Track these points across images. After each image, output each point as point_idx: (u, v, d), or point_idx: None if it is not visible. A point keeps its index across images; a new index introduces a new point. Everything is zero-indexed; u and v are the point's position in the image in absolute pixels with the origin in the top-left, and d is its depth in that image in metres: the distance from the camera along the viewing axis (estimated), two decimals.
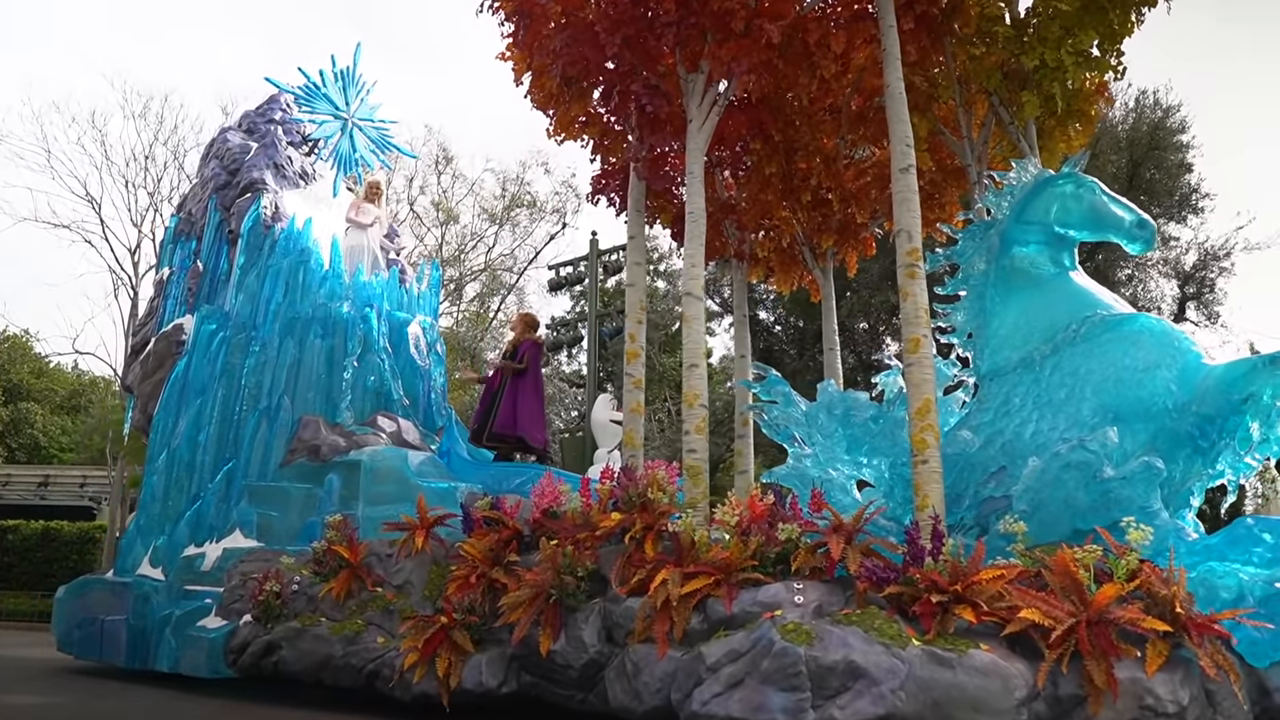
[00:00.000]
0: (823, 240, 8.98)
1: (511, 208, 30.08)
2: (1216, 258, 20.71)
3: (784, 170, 8.67)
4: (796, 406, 6.42)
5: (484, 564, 6.56)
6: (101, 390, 33.18)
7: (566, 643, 5.91)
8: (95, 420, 25.30)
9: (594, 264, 19.62)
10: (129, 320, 24.90)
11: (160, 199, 25.96)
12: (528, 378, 9.16)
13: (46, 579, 23.03)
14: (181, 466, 9.45)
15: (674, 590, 5.46)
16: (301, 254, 10.15)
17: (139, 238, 25.71)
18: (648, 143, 7.00)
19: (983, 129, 8.41)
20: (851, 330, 21.30)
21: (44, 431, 32.77)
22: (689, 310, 6.36)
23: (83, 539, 23.79)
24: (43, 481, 26.67)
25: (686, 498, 6.16)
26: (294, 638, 7.18)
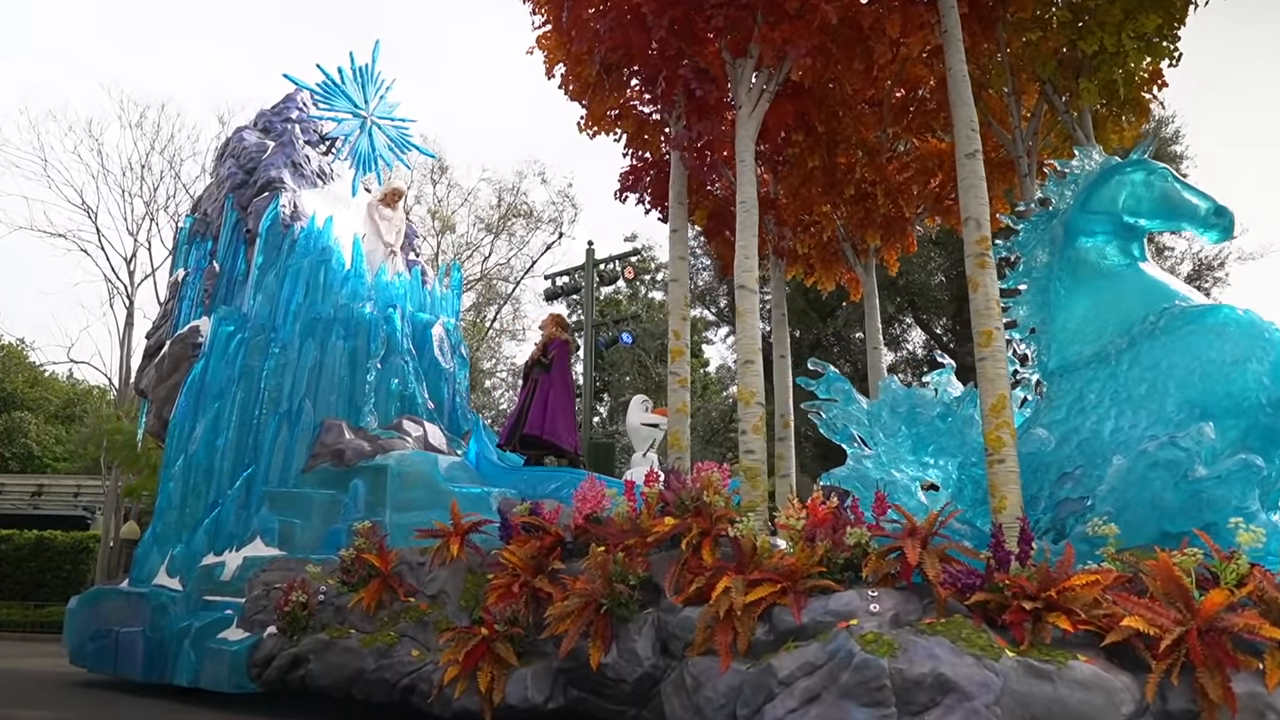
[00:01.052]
0: (866, 236, 8.67)
1: (507, 217, 29.91)
2: (1211, 268, 20.99)
3: (826, 163, 8.37)
4: (858, 404, 6.10)
5: (526, 572, 6.24)
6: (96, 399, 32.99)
7: (618, 655, 5.57)
8: (90, 430, 25.13)
9: (590, 273, 19.67)
10: (124, 329, 24.81)
11: (156, 208, 25.97)
12: (557, 379, 8.84)
13: (40, 589, 22.79)
14: (199, 472, 9.13)
15: (738, 599, 5.13)
16: (322, 253, 9.87)
17: (135, 246, 25.75)
18: (695, 130, 6.70)
19: (1032, 119, 8.11)
20: (848, 341, 21.39)
21: (38, 441, 32.56)
22: (743, 303, 6.05)
23: (76, 549, 23.57)
24: (36, 491, 26.48)
25: (744, 501, 5.83)
26: (322, 650, 6.85)
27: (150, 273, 25.86)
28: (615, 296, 27.21)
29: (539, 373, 8.74)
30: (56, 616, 20.99)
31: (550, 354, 8.83)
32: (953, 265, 19.98)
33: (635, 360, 26.29)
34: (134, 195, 26.02)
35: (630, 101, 8.48)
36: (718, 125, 6.69)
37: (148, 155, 26.18)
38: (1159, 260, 20.85)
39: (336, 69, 11.80)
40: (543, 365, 8.82)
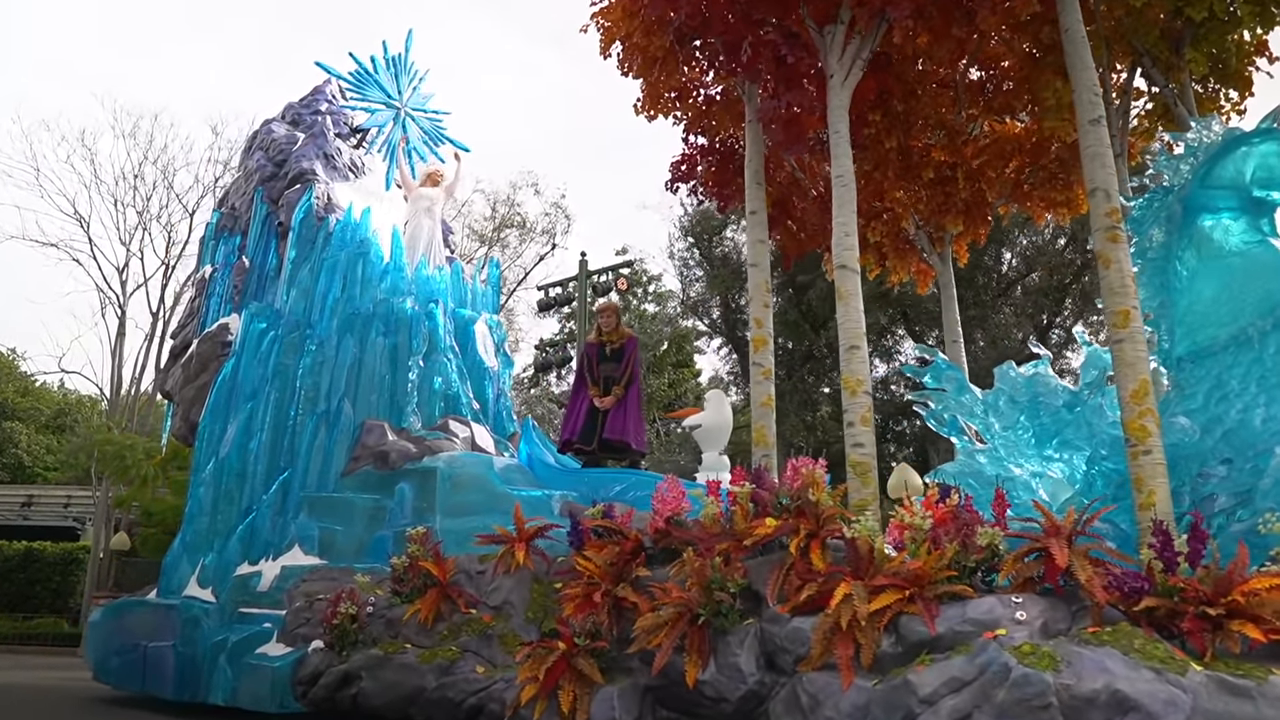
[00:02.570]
0: (946, 222, 8.17)
1: (501, 228, 29.62)
2: None
3: (902, 145, 7.89)
4: (971, 394, 5.58)
5: (605, 580, 5.69)
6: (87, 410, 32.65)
7: (718, 671, 5.04)
8: (81, 440, 24.87)
9: (583, 285, 19.63)
10: (116, 339, 24.58)
11: (149, 218, 25.87)
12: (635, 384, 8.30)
13: (28, 601, 22.42)
14: (231, 476, 8.62)
15: (861, 607, 4.60)
16: (360, 245, 9.40)
17: (127, 256, 25.69)
18: (784, 100, 6.22)
19: (1124, 96, 7.62)
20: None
21: (28, 451, 32.28)
22: (845, 285, 5.56)
23: (66, 560, 23.23)
24: (26, 501, 26.30)
25: (853, 499, 5.30)
26: (376, 667, 6.30)
27: (142, 283, 25.69)
28: None
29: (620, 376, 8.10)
30: (45, 629, 20.62)
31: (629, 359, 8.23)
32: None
33: None
34: (126, 205, 26.02)
35: (691, 83, 8.02)
36: (808, 95, 6.21)
37: (140, 165, 26.18)
38: None
39: (369, 58, 11.40)
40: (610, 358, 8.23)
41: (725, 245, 24.07)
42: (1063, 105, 7.12)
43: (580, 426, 8.23)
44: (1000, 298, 21.00)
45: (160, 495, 19.21)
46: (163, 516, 19.01)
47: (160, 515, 19.02)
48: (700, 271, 24.23)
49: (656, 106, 8.31)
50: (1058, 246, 20.63)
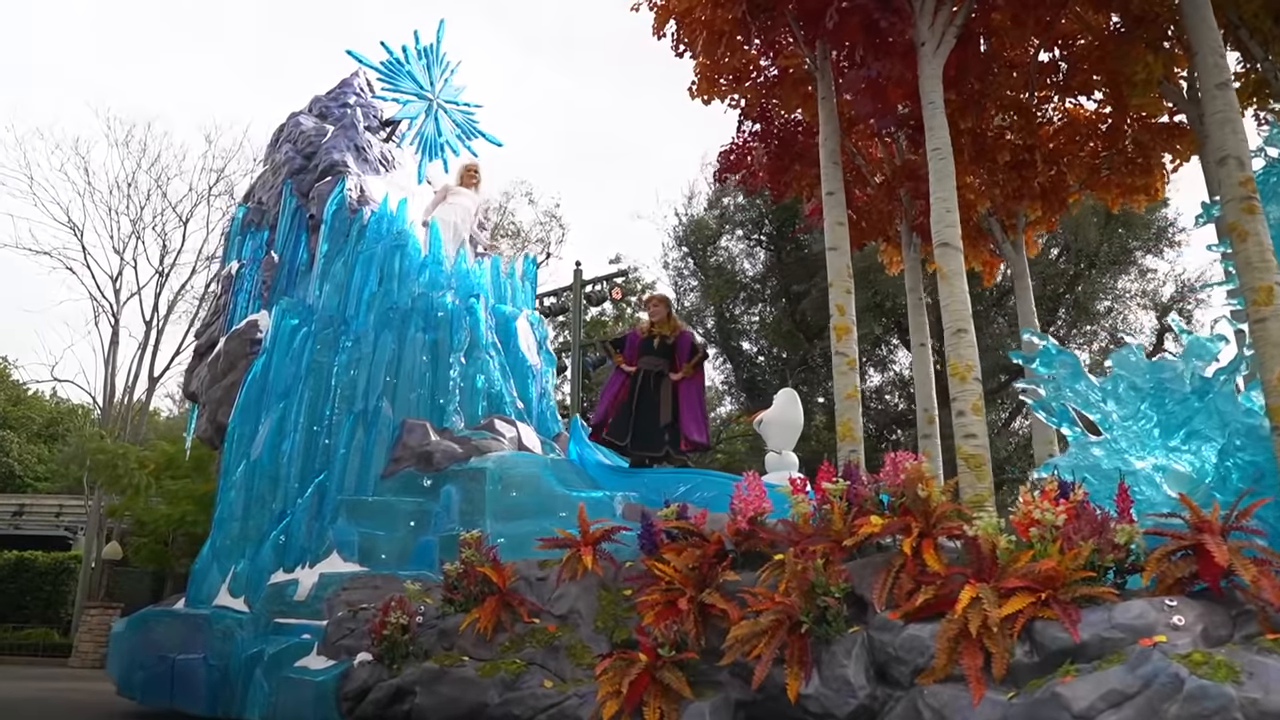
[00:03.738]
0: (1025, 207, 7.76)
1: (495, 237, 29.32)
2: (1193, 290, 20.83)
3: (976, 126, 7.49)
4: (1087, 381, 5.15)
5: (688, 586, 5.26)
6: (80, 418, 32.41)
7: (823, 684, 4.61)
8: (73, 449, 24.64)
9: (578, 294, 19.58)
10: (109, 348, 24.43)
11: (143, 226, 25.75)
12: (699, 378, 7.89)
13: (19, 610, 22.17)
14: (263, 479, 8.21)
15: (992, 612, 4.15)
16: (398, 237, 9.01)
17: (121, 265, 25.56)
18: (874, 68, 5.84)
19: None
20: None
21: (19, 460, 32.09)
22: (949, 264, 5.16)
23: (58, 569, 23.02)
24: (17, 510, 26.15)
25: (967, 495, 4.87)
26: (431, 681, 5.87)
27: (136, 291, 25.38)
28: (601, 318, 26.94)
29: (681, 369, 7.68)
30: (35, 639, 20.28)
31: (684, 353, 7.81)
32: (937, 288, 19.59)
33: None
34: (120, 213, 25.88)
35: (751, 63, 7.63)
36: (896, 65, 5.82)
37: (134, 173, 26.08)
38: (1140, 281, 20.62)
39: (401, 48, 11.04)
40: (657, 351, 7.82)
41: (719, 255, 23.86)
42: (1153, 80, 6.73)
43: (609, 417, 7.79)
44: (994, 307, 20.80)
45: (153, 504, 18.91)
46: (155, 526, 18.74)
47: (153, 525, 18.75)
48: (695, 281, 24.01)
49: (713, 89, 7.95)
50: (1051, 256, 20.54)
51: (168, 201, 25.97)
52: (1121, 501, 4.73)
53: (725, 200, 23.58)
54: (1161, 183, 7.88)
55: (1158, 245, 20.67)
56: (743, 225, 23.27)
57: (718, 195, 23.73)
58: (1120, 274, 20.71)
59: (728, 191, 23.40)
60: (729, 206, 23.49)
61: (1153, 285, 21.15)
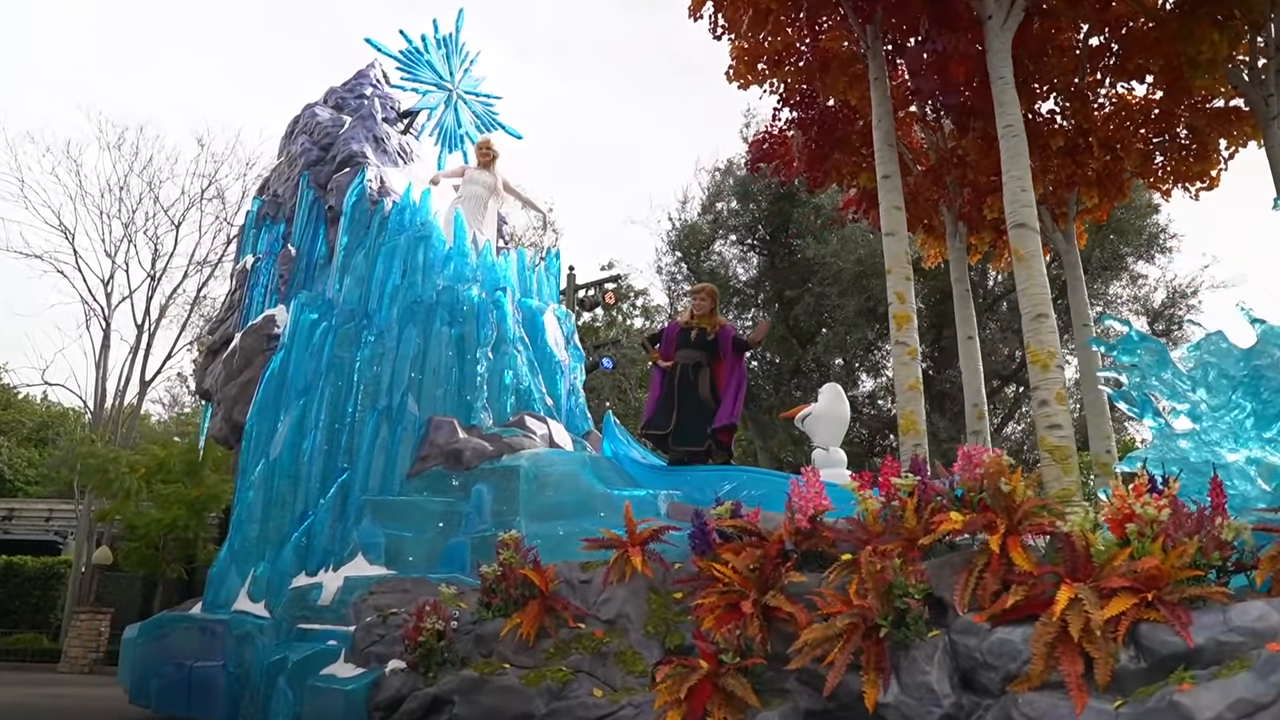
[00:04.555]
0: (1081, 194, 7.49)
1: None
2: (1185, 295, 21.04)
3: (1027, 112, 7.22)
4: (1174, 369, 4.87)
5: (749, 588, 4.96)
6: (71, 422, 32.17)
7: (902, 691, 4.31)
8: (63, 453, 24.46)
9: (571, 299, 19.66)
10: (100, 351, 24.27)
11: (135, 230, 25.62)
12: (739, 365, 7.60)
13: (8, 615, 21.93)
14: (284, 479, 7.92)
15: (1095, 614, 3.86)
16: (421, 229, 8.72)
17: (112, 268, 25.47)
18: (939, 43, 5.57)
19: (1277, 54, 6.95)
20: (827, 365, 21.33)
21: (9, 463, 31.87)
22: (1025, 246, 4.89)
23: (47, 574, 22.88)
24: (6, 515, 26.13)
25: (1052, 489, 4.59)
26: (471, 690, 5.57)
27: (127, 295, 25.19)
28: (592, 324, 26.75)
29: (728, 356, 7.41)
30: (24, 644, 20.02)
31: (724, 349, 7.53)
32: (931, 292, 19.81)
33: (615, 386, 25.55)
34: (112, 217, 25.72)
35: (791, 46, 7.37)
36: (964, 39, 5.56)
37: (126, 177, 25.92)
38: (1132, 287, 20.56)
39: (420, 37, 10.79)
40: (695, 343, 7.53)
41: (713, 260, 23.70)
42: (1218, 59, 6.47)
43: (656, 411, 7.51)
44: (986, 313, 20.78)
45: (144, 509, 18.67)
46: (146, 530, 18.54)
47: (144, 529, 18.55)
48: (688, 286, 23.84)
49: (751, 74, 7.68)
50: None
51: (159, 205, 25.92)
52: (1215, 496, 4.44)
53: (719, 205, 23.46)
54: (1218, 169, 7.62)
55: (1149, 251, 20.71)
56: (736, 230, 23.15)
57: (711, 200, 23.60)
58: (1112, 280, 20.62)
59: (721, 196, 23.25)
60: (722, 211, 23.36)
61: (1144, 291, 21.34)
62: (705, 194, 23.74)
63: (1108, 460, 6.75)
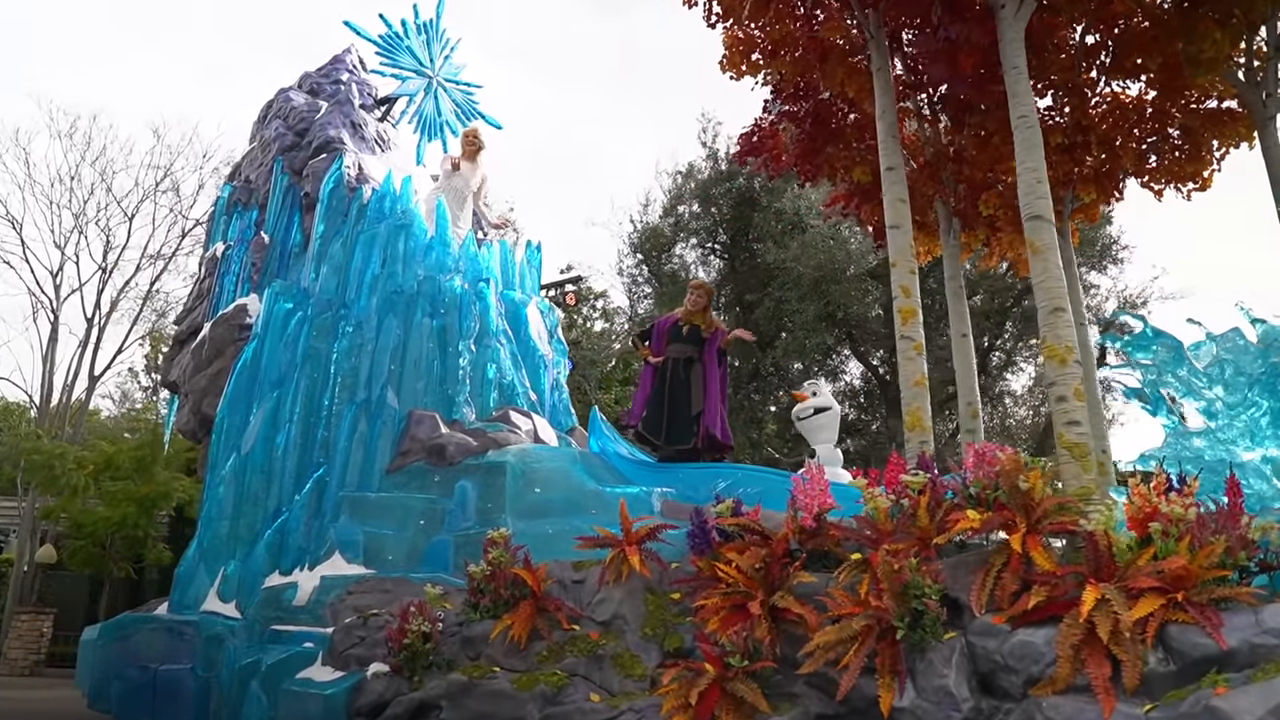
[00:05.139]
0: (1079, 191, 7.42)
1: None
2: (1135, 306, 21.38)
3: None
4: (1190, 366, 4.78)
5: (755, 588, 4.78)
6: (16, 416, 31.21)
7: (919, 695, 4.16)
8: (7, 448, 23.67)
9: None
10: (48, 344, 23.62)
11: (86, 221, 24.88)
12: (723, 369, 7.45)
13: None
14: (256, 474, 7.61)
15: (1124, 615, 3.73)
16: (402, 217, 8.43)
17: (62, 260, 24.64)
18: (951, 30, 5.45)
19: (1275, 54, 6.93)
20: (786, 370, 21.47)
21: None
22: (1040, 238, 4.78)
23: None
24: None
25: (1071, 487, 4.46)
26: (459, 695, 5.33)
27: (77, 287, 24.44)
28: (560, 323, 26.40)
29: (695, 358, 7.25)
30: None
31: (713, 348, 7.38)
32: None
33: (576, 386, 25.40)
34: (62, 207, 24.85)
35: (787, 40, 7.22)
36: (975, 29, 5.43)
37: (77, 167, 25.01)
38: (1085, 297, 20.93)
39: (400, 21, 10.48)
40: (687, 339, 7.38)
41: (673, 262, 23.65)
42: (1220, 58, 6.43)
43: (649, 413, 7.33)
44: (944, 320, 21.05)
45: (91, 506, 18.06)
46: (93, 529, 17.98)
47: (90, 527, 17.98)
48: (649, 288, 23.76)
49: (745, 63, 7.52)
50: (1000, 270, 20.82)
51: (112, 196, 25.03)
52: (1232, 495, 4.35)
53: (680, 208, 23.39)
54: (1210, 170, 7.61)
55: (1101, 262, 20.95)
56: (697, 233, 23.11)
57: (673, 203, 23.54)
58: None
59: (683, 199, 23.17)
60: (684, 214, 23.29)
61: (1096, 301, 21.44)
62: (667, 197, 23.64)
63: (1103, 459, 6.68)
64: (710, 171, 22.64)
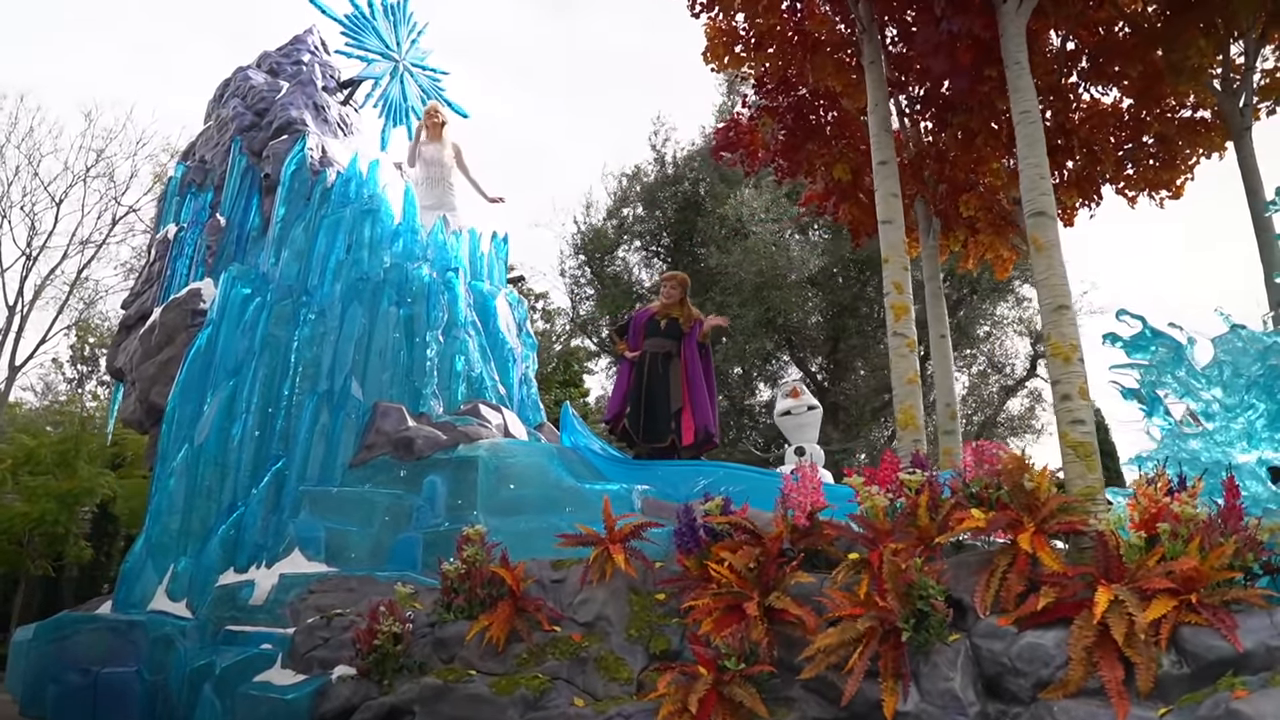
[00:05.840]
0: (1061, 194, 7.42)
1: None
2: None
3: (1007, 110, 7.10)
4: (1189, 366, 4.74)
5: (749, 589, 4.62)
6: None
7: (924, 699, 4.05)
8: None
9: None
10: None
11: (9, 205, 23.87)
12: (706, 361, 7.27)
13: None
14: (210, 466, 7.22)
15: (1139, 616, 3.65)
16: (369, 201, 8.11)
17: None
18: (955, 23, 5.35)
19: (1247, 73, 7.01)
20: (726, 375, 21.58)
21: None
22: (1044, 234, 4.70)
23: None
24: None
25: (1075, 487, 4.38)
26: (434, 699, 5.07)
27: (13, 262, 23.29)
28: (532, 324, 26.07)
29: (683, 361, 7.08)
30: None
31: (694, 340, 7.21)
32: (829, 306, 20.27)
33: None
34: None
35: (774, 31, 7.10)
36: (975, 22, 5.34)
37: (2, 148, 23.81)
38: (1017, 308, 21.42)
39: (367, 1, 10.10)
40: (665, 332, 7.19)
41: (616, 265, 23.59)
42: (1203, 66, 6.47)
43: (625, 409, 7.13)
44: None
45: (8, 502, 17.18)
46: (10, 525, 17.06)
47: (7, 524, 17.05)
48: (591, 290, 23.65)
49: (729, 55, 7.37)
50: None
51: (39, 180, 23.91)
52: (1230, 497, 4.31)
53: (625, 211, 23.29)
54: (1184, 179, 7.68)
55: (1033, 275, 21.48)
56: (641, 236, 23.04)
57: (617, 205, 23.42)
58: (999, 301, 21.23)
59: (628, 202, 23.09)
60: (628, 217, 23.20)
61: (1028, 313, 21.70)
62: (611, 199, 23.48)
63: None
64: (657, 175, 22.54)
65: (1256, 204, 6.60)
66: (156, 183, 23.96)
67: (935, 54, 5.52)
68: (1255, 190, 6.69)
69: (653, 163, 22.99)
